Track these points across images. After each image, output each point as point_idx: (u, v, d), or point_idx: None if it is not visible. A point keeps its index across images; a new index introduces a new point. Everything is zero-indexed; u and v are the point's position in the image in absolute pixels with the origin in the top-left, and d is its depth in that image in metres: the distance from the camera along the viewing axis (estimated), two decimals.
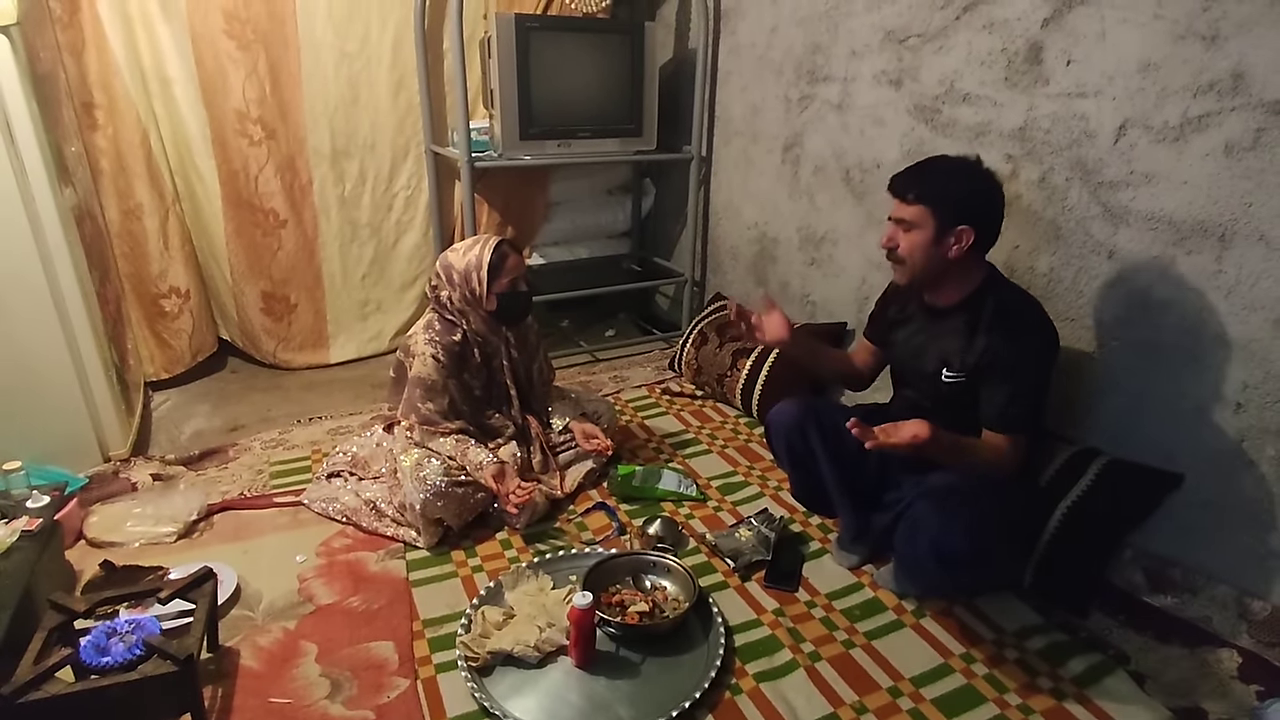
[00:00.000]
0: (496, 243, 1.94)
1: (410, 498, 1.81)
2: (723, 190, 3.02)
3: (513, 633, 1.52)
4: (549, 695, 1.43)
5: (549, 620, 1.55)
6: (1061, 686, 1.47)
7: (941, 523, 1.42)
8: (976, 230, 1.49)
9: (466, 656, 1.47)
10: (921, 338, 1.67)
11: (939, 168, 1.56)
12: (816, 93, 2.47)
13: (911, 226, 1.53)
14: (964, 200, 1.51)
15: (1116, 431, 1.77)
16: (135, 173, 2.48)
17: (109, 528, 1.85)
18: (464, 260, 1.93)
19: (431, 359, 1.93)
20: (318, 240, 2.83)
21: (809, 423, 1.78)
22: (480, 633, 1.53)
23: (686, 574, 1.67)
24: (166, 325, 2.68)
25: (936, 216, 1.50)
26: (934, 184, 1.52)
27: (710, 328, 2.77)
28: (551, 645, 1.51)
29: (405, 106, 2.82)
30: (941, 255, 1.52)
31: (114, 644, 1.28)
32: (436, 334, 1.95)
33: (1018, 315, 1.53)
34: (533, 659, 1.48)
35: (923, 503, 1.48)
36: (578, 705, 1.41)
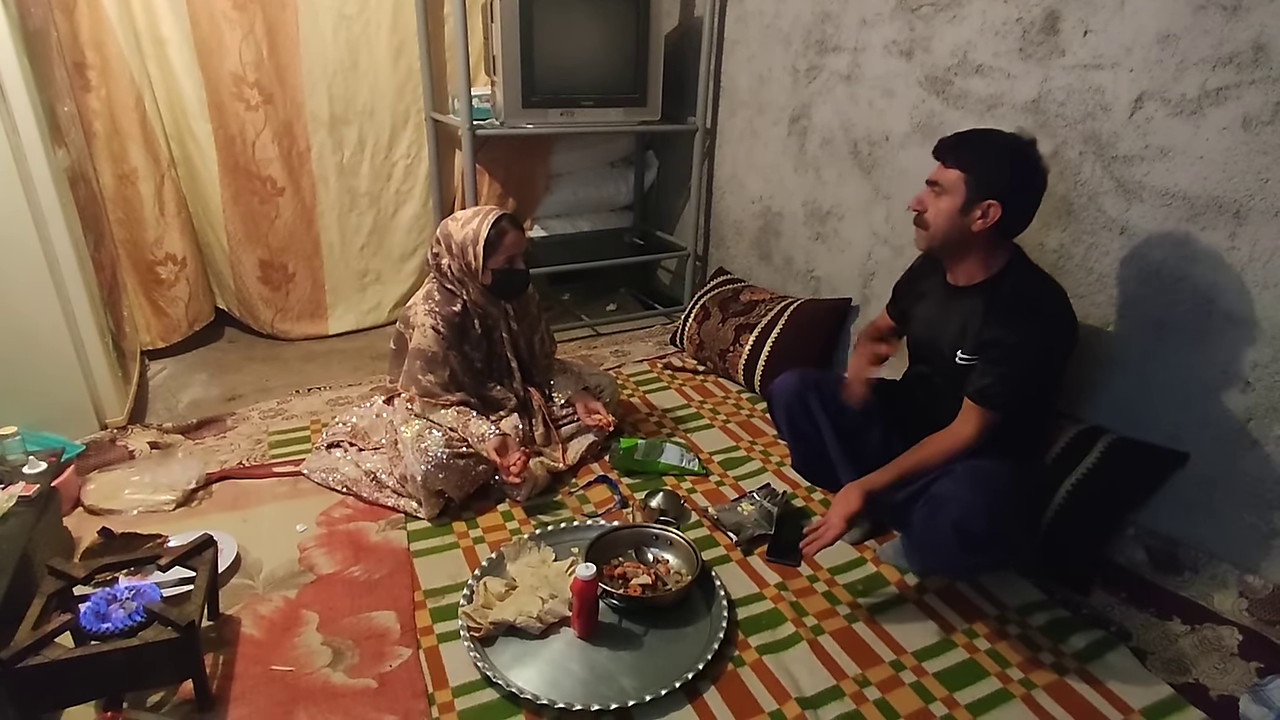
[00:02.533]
0: (496, 217, 1.90)
1: (412, 469, 1.80)
2: (727, 163, 2.98)
3: (515, 603, 1.52)
4: (551, 665, 1.43)
5: (551, 591, 1.55)
6: (1063, 662, 1.47)
7: (965, 503, 1.40)
8: (1004, 208, 1.46)
9: (469, 627, 1.47)
10: (940, 316, 1.65)
11: (985, 139, 1.52)
12: (825, 63, 2.42)
13: (943, 192, 1.50)
14: (999, 175, 1.46)
15: (1122, 410, 1.76)
16: (130, 136, 2.43)
17: (107, 495, 1.83)
18: (463, 231, 1.90)
19: (432, 330, 1.90)
20: (316, 209, 2.79)
21: (810, 394, 1.77)
22: (483, 603, 1.52)
23: (689, 547, 1.67)
24: (163, 293, 2.64)
25: (967, 185, 1.47)
26: (974, 153, 1.48)
27: (713, 302, 2.74)
28: (554, 616, 1.50)
29: (405, 72, 2.77)
30: (965, 227, 1.49)
31: (114, 610, 1.26)
32: (436, 304, 1.92)
33: (1033, 302, 1.49)
34: (535, 629, 1.48)
35: (944, 483, 1.46)
36: (580, 676, 1.41)
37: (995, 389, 1.49)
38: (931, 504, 1.47)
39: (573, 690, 1.37)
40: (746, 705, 1.36)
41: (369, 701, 1.34)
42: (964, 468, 1.47)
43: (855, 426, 1.77)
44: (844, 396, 1.76)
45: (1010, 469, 1.48)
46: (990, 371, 1.50)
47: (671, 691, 1.36)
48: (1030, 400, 1.54)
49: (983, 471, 1.45)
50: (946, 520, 1.41)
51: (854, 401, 1.74)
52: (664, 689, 1.36)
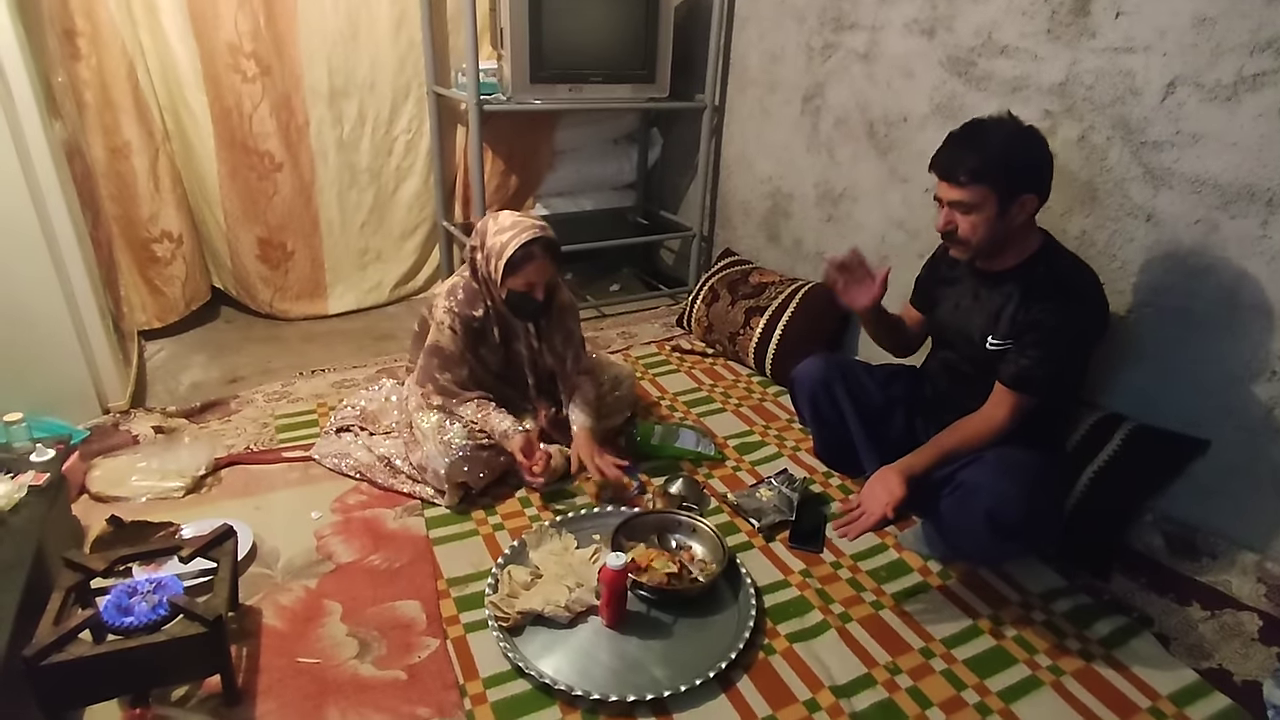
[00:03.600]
0: (530, 239, 1.73)
1: (434, 462, 1.76)
2: (735, 142, 2.93)
3: (542, 592, 1.50)
4: (581, 655, 1.41)
5: (578, 580, 1.53)
6: (1089, 648, 1.48)
7: (998, 492, 1.40)
8: (1038, 194, 1.44)
9: (496, 616, 1.45)
10: (970, 301, 1.63)
11: (984, 138, 1.43)
12: (841, 41, 2.38)
13: (970, 208, 1.44)
14: (1021, 167, 1.43)
15: (1143, 397, 1.76)
16: (122, 108, 2.34)
17: (113, 482, 1.78)
18: (496, 239, 1.76)
19: (449, 330, 1.83)
20: (315, 185, 2.71)
21: (835, 379, 1.76)
22: (509, 593, 1.50)
23: (713, 533, 1.66)
24: (159, 271, 2.57)
25: (996, 192, 1.42)
26: (984, 158, 1.41)
27: (721, 284, 2.71)
28: (581, 605, 1.49)
29: (407, 44, 2.68)
30: (1006, 228, 1.46)
31: (137, 604, 1.23)
32: (457, 304, 1.84)
33: (1070, 285, 1.48)
34: (564, 619, 1.46)
35: (974, 470, 1.46)
36: (611, 665, 1.39)
37: (1032, 373, 1.48)
38: (962, 492, 1.46)
39: (604, 680, 1.35)
40: (780, 694, 1.36)
41: (399, 694, 1.32)
42: (995, 456, 1.46)
43: (879, 412, 1.76)
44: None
45: (1040, 457, 1.47)
46: (1026, 355, 1.49)
47: (705, 681, 1.35)
48: (1062, 386, 1.54)
49: (1015, 460, 1.44)
50: (979, 508, 1.41)
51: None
52: (698, 678, 1.35)
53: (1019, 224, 1.46)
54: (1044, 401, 1.50)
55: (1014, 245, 1.51)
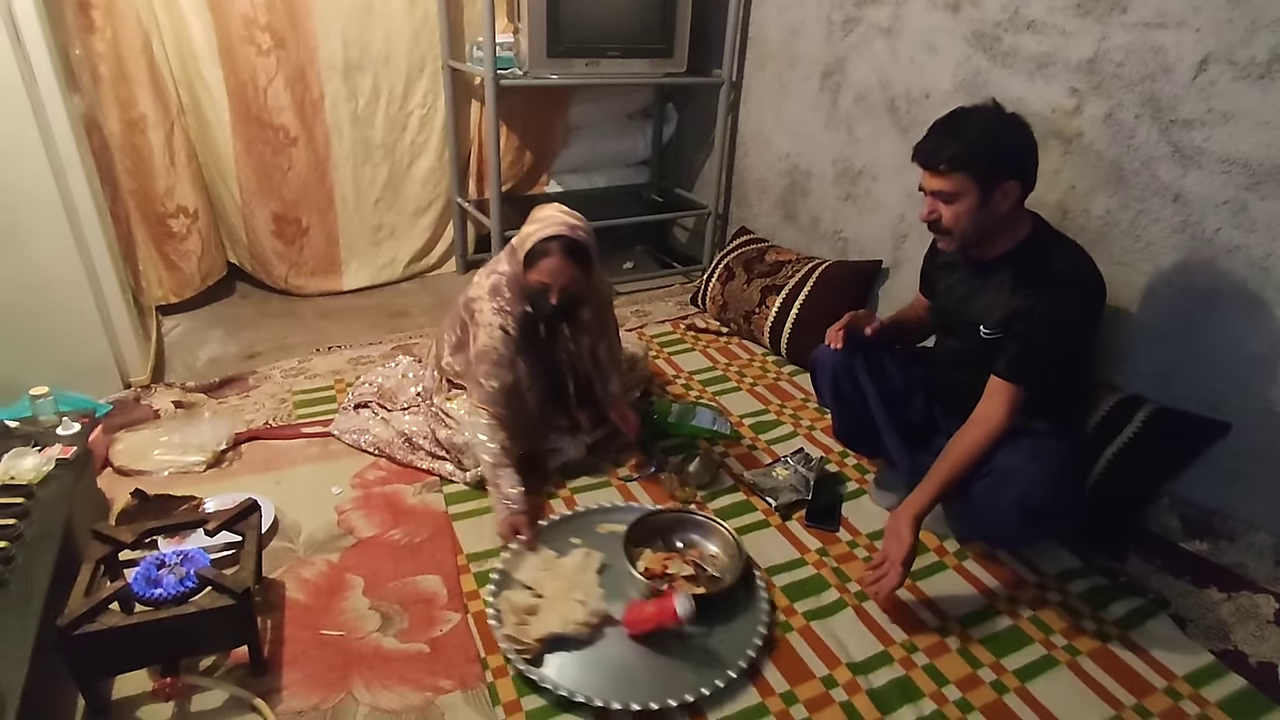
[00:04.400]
0: (553, 234, 1.66)
1: (474, 446, 1.73)
2: (752, 118, 2.90)
3: (556, 613, 1.42)
4: (611, 667, 1.36)
5: (584, 593, 1.47)
6: (1105, 629, 1.49)
7: (1031, 478, 1.39)
8: (1021, 182, 1.43)
9: (517, 650, 1.35)
10: (964, 289, 1.62)
11: (965, 126, 1.43)
12: (864, 15, 2.34)
13: (952, 197, 1.44)
14: (1002, 155, 1.41)
15: (1164, 379, 1.75)
16: (138, 81, 2.33)
17: (136, 456, 1.80)
18: (529, 228, 1.71)
19: (500, 330, 1.72)
20: (330, 160, 2.70)
21: (857, 361, 1.75)
22: (518, 621, 1.40)
23: (719, 526, 1.64)
24: (175, 246, 2.57)
25: (978, 180, 1.41)
26: (965, 146, 1.40)
27: (737, 262, 2.70)
28: (598, 618, 1.43)
29: (421, 17, 2.65)
30: (990, 216, 1.45)
31: (165, 575, 1.25)
32: (506, 303, 1.74)
33: (1060, 270, 1.46)
34: (584, 635, 1.40)
35: (1008, 456, 1.45)
36: (642, 672, 1.35)
37: (1022, 363, 1.46)
38: (995, 477, 1.46)
39: (643, 689, 1.30)
40: (798, 671, 1.37)
41: (422, 666, 1.34)
42: (1030, 443, 1.45)
43: (900, 394, 1.75)
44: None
45: (1067, 442, 1.47)
46: (1018, 345, 1.47)
47: (739, 675, 1.34)
48: (1067, 370, 1.52)
49: (1047, 447, 1.44)
50: (1011, 494, 1.41)
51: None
52: (731, 672, 1.33)
53: (1003, 212, 1.44)
54: (1039, 390, 1.47)
55: (1003, 233, 1.50)
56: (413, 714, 1.25)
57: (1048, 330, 1.44)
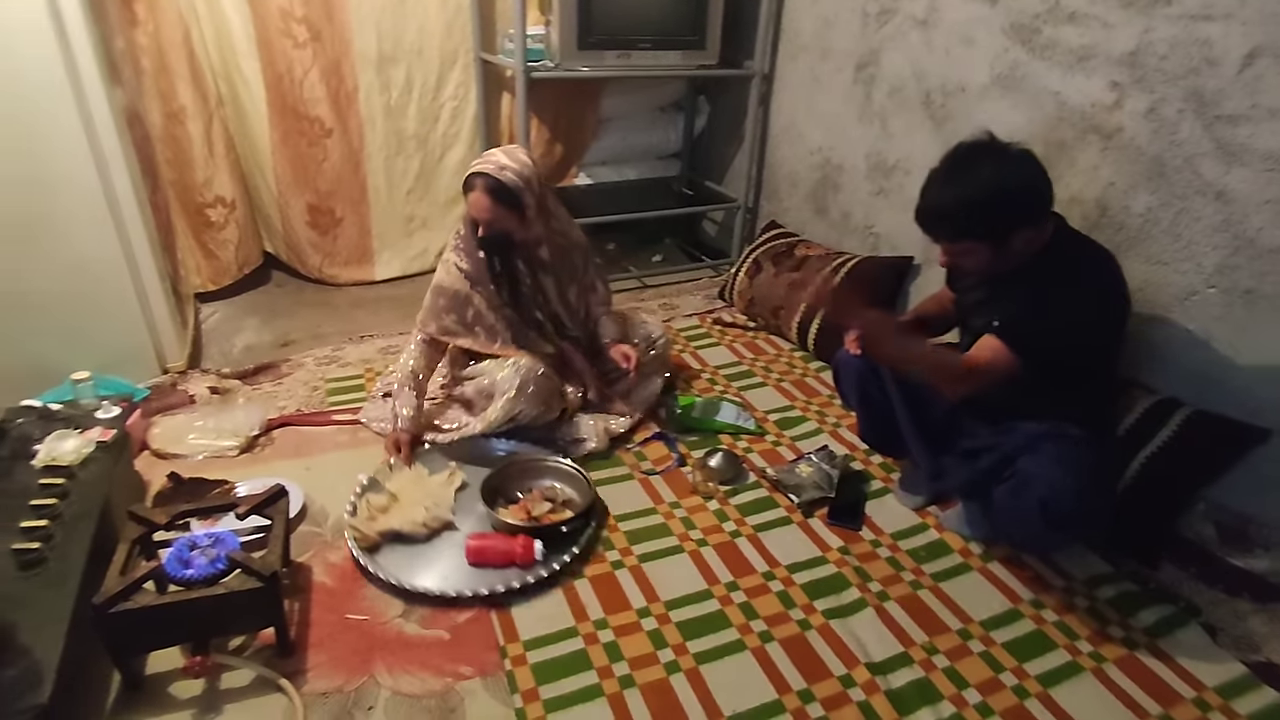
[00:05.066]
0: (477, 170, 1.73)
1: (503, 385, 1.80)
2: (784, 111, 2.87)
3: (401, 514, 1.63)
4: (435, 564, 1.55)
5: (434, 500, 1.67)
6: (1133, 636, 1.46)
7: (1055, 483, 1.37)
8: (1033, 224, 1.38)
9: (356, 538, 1.56)
10: (983, 293, 1.59)
11: (959, 190, 1.37)
12: (899, 7, 2.30)
13: (963, 254, 1.43)
14: (1004, 210, 1.36)
15: (1202, 382, 1.70)
16: (178, 73, 2.38)
17: (172, 439, 1.85)
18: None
19: (454, 266, 1.87)
20: (363, 151, 2.73)
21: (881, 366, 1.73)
22: (367, 516, 1.62)
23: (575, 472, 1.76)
24: (212, 236, 2.63)
25: (986, 240, 1.38)
26: (964, 216, 1.37)
27: (765, 257, 2.68)
28: (438, 522, 1.62)
29: (454, 9, 2.67)
30: (1011, 255, 1.41)
31: (196, 557, 1.28)
32: (461, 239, 1.87)
33: (1080, 273, 1.42)
34: (421, 535, 1.60)
35: (1032, 460, 1.43)
36: (456, 573, 1.53)
37: (1021, 328, 1.40)
38: (1018, 480, 1.43)
39: (466, 581, 1.49)
40: (816, 668, 1.37)
41: (443, 652, 1.36)
42: (1055, 447, 1.42)
43: (924, 396, 1.72)
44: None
45: (1095, 447, 1.44)
46: (1018, 306, 1.42)
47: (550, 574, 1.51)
48: (1086, 371, 1.49)
49: (1073, 451, 1.41)
50: (1033, 498, 1.39)
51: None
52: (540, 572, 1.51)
53: (1020, 248, 1.40)
54: (1023, 366, 1.40)
55: (1024, 250, 1.44)
56: (433, 699, 1.28)
57: (1054, 314, 1.39)
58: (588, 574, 1.56)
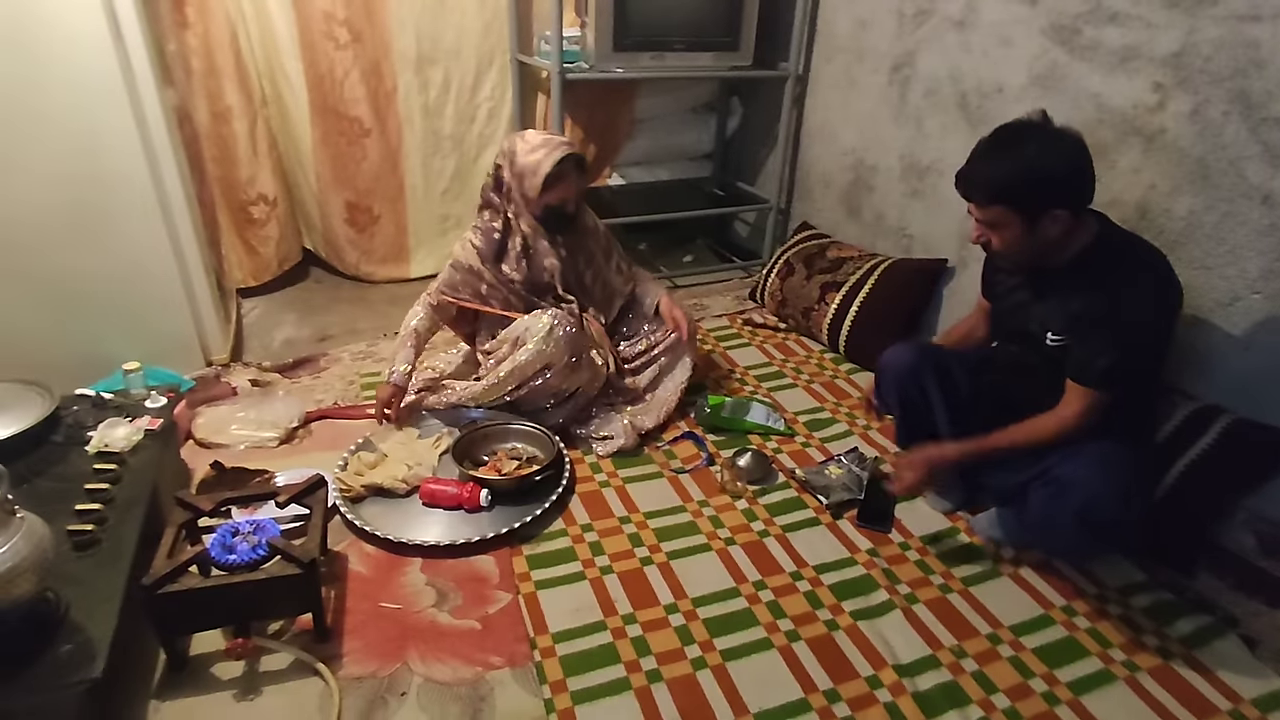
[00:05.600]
0: (563, 156, 1.85)
1: (535, 327, 1.85)
2: (818, 112, 2.86)
3: (384, 470, 1.76)
4: (413, 517, 1.68)
5: (417, 460, 1.79)
6: (1168, 646, 1.44)
7: (1094, 491, 1.35)
8: (1070, 207, 1.36)
9: (341, 489, 1.68)
10: (1025, 295, 1.57)
11: (1005, 153, 1.37)
12: (936, 7, 2.28)
13: (996, 226, 1.41)
14: (1043, 185, 1.34)
15: (1244, 389, 1.67)
16: (225, 74, 2.45)
17: (215, 430, 1.91)
18: (528, 158, 1.87)
19: (470, 244, 1.97)
20: (401, 151, 2.79)
21: (926, 370, 1.71)
22: (355, 471, 1.75)
23: (542, 434, 1.88)
24: (255, 232, 2.70)
25: (1020, 211, 1.36)
26: (1003, 179, 1.36)
27: (797, 258, 2.68)
28: (417, 480, 1.74)
29: (492, 11, 2.71)
30: (1042, 241, 1.39)
31: (239, 543, 1.32)
32: (479, 220, 1.98)
33: (1127, 270, 1.40)
34: (401, 490, 1.72)
35: (1071, 466, 1.41)
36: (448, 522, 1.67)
37: (1096, 365, 1.41)
38: (1055, 488, 1.42)
39: (436, 532, 1.62)
40: (842, 668, 1.37)
41: (474, 642, 1.39)
42: (1095, 452, 1.40)
43: (966, 403, 1.71)
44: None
45: (1136, 456, 1.42)
46: (1088, 347, 1.42)
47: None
48: (1138, 376, 1.47)
49: (1111, 458, 1.39)
50: (1070, 505, 1.37)
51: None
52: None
53: (1054, 235, 1.38)
54: (1113, 395, 1.43)
55: (1064, 245, 1.43)
56: (463, 687, 1.30)
57: (1116, 331, 1.38)
58: (617, 569, 1.58)
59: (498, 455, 1.85)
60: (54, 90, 1.74)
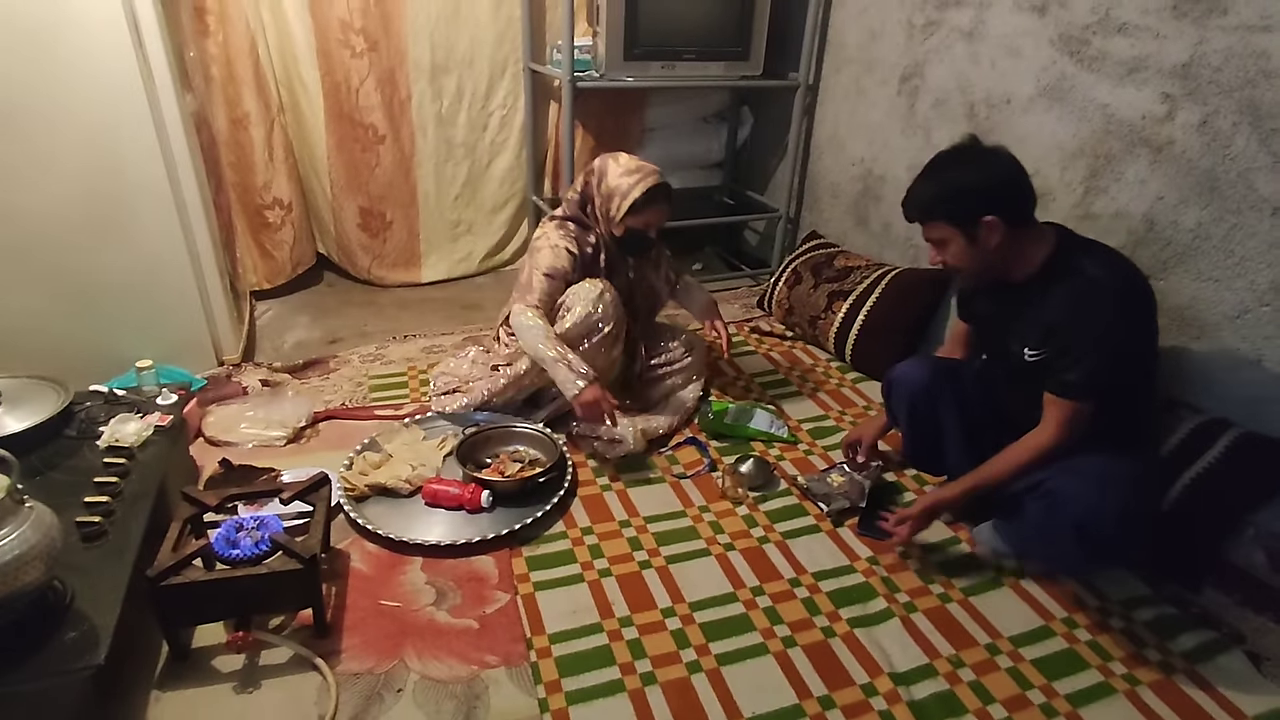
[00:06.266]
0: (654, 185, 1.89)
1: (582, 293, 1.88)
2: (828, 122, 2.88)
3: (389, 470, 1.78)
4: (416, 517, 1.70)
5: (421, 461, 1.81)
6: (1170, 660, 1.42)
7: (1091, 506, 1.34)
8: (1000, 214, 1.40)
9: (345, 488, 1.71)
10: (1001, 314, 1.58)
11: (928, 176, 1.48)
12: (945, 18, 2.29)
13: (940, 243, 1.48)
14: (968, 196, 1.42)
15: (1253, 403, 1.65)
16: (244, 81, 2.50)
17: (224, 428, 1.94)
18: (619, 180, 1.89)
19: (566, 251, 1.92)
20: (414, 158, 2.83)
21: (939, 387, 1.71)
22: (360, 470, 1.78)
23: (545, 437, 1.90)
24: (269, 236, 2.75)
25: (954, 224, 1.44)
26: (929, 197, 1.47)
27: (805, 267, 2.68)
28: (420, 480, 1.75)
29: (505, 21, 2.75)
30: (987, 251, 1.43)
31: (242, 538, 1.34)
32: (572, 232, 1.96)
33: (1091, 278, 1.40)
34: (405, 491, 1.74)
35: (1068, 480, 1.40)
36: (452, 522, 1.69)
37: (1067, 376, 1.41)
38: (1051, 500, 1.41)
39: (437, 532, 1.64)
40: (838, 675, 1.36)
41: (471, 641, 1.40)
42: (1090, 466, 1.39)
43: (981, 419, 1.70)
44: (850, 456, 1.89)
45: (1137, 469, 1.40)
46: (1063, 359, 1.42)
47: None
48: (1125, 385, 1.45)
49: (1110, 471, 1.37)
50: (1067, 519, 1.36)
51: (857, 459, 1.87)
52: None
53: (996, 245, 1.42)
54: (1092, 405, 1.42)
55: (1019, 257, 1.46)
56: (459, 685, 1.31)
57: (1089, 340, 1.39)
58: (615, 572, 1.58)
59: (501, 458, 1.87)
60: (76, 96, 1.79)
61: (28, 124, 1.78)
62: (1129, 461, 1.42)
